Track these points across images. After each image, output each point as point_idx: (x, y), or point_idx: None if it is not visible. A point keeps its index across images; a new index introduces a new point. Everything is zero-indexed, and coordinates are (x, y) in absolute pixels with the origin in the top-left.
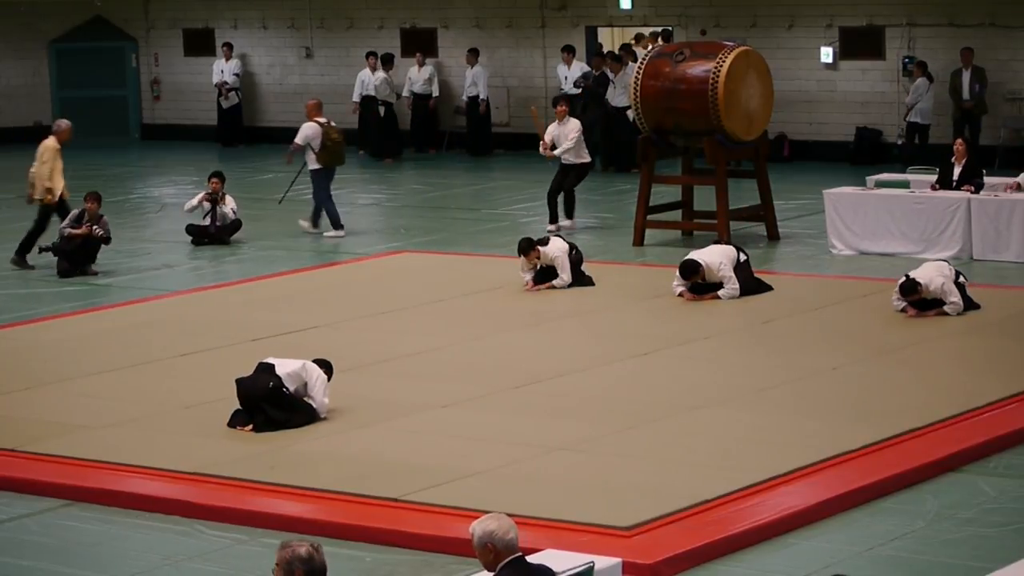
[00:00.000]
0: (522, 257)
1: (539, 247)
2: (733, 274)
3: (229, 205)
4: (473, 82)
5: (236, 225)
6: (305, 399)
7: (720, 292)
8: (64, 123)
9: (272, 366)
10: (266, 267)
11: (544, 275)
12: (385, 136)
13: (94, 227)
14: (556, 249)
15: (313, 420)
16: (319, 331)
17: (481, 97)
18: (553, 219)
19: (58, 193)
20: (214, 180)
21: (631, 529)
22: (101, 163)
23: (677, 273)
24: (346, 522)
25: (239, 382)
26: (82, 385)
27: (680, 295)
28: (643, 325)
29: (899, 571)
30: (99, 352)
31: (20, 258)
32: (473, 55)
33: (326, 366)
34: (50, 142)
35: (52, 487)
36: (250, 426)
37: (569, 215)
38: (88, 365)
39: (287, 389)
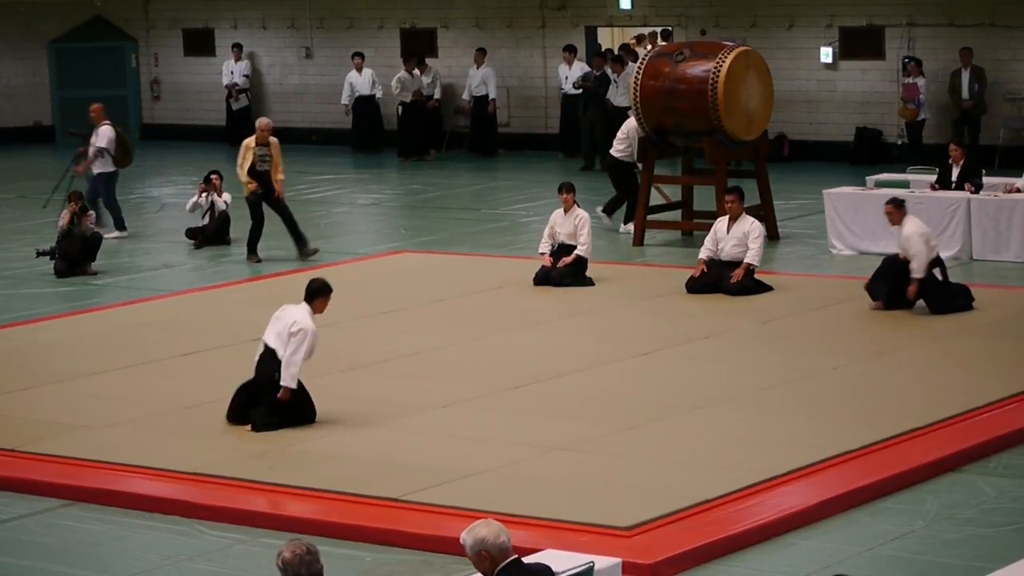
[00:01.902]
0: (552, 219)
1: (575, 201)
2: (760, 246)
3: (224, 199)
4: (482, 82)
5: (225, 217)
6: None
7: (748, 257)
8: (261, 121)
9: (274, 352)
10: (266, 267)
11: (558, 252)
12: (422, 133)
13: (82, 216)
14: (584, 213)
15: (312, 417)
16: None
17: (491, 97)
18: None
19: (245, 183)
20: (214, 176)
21: (631, 529)
22: None
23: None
24: (346, 522)
25: (257, 365)
26: (82, 385)
27: (696, 271)
28: (643, 325)
29: (899, 571)
30: (99, 352)
31: (251, 254)
32: (481, 54)
33: (315, 289)
34: (246, 140)
35: (52, 487)
36: (248, 426)
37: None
38: (88, 365)
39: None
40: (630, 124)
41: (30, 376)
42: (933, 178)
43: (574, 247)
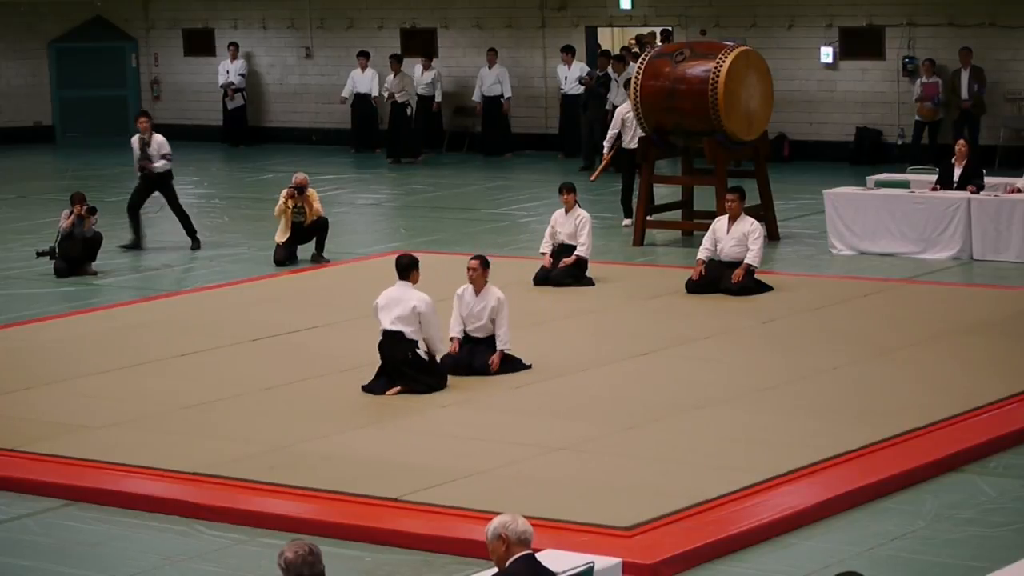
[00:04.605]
0: (554, 219)
1: (576, 201)
2: (760, 246)
3: (157, 148)
4: (497, 81)
5: (167, 173)
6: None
7: (748, 258)
8: (297, 176)
9: (400, 333)
10: (266, 267)
11: (559, 253)
12: (427, 134)
13: (87, 218)
14: (585, 213)
15: (441, 384)
16: (319, 331)
17: (506, 96)
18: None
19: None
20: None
21: (631, 529)
22: (101, 163)
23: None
24: (346, 522)
25: (382, 350)
26: (82, 385)
27: (695, 272)
28: (643, 325)
29: (899, 571)
30: (99, 352)
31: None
32: (493, 54)
33: (405, 265)
34: (284, 190)
35: (52, 487)
36: (396, 388)
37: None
38: (88, 365)
39: (420, 352)
40: (618, 112)
41: (30, 376)
42: (933, 178)
43: (575, 247)
